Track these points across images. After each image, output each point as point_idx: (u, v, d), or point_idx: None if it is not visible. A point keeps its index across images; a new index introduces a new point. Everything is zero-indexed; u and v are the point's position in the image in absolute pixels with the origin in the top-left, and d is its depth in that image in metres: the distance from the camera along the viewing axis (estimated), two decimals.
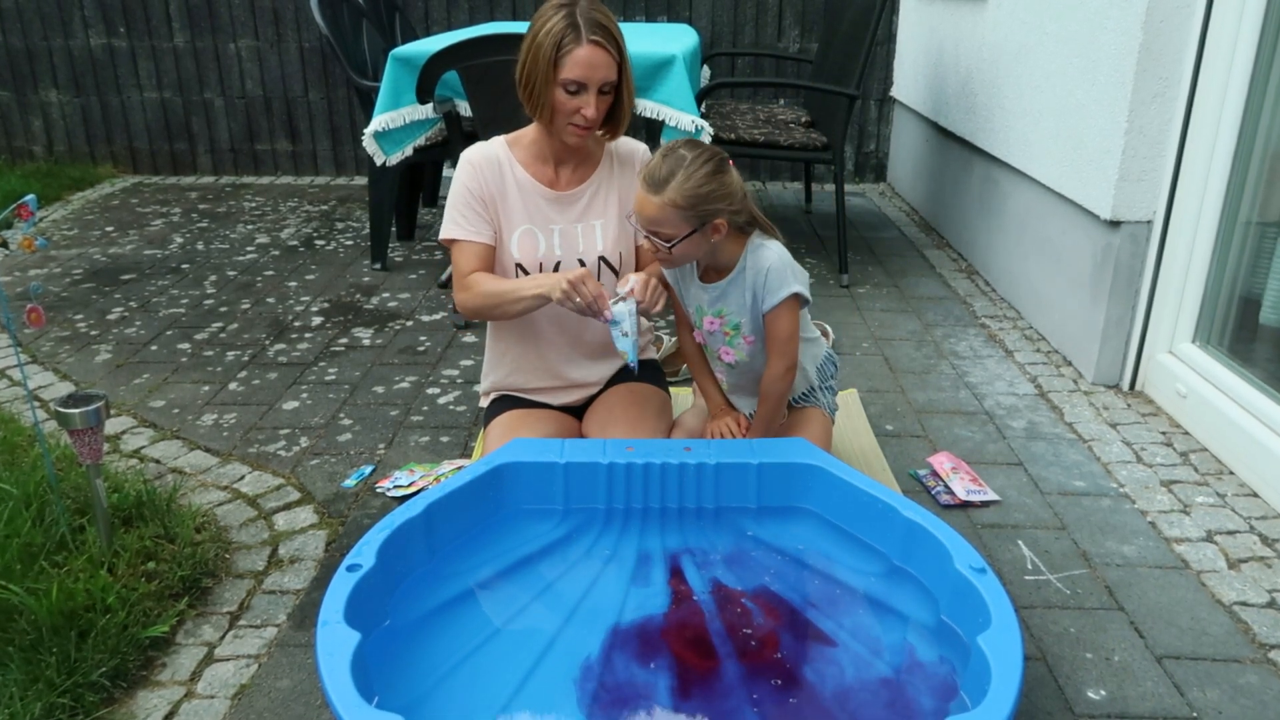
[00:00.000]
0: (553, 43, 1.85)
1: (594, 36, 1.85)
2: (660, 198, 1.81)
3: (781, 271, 1.95)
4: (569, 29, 1.85)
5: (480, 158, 2.03)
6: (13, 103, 5.39)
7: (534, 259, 2.04)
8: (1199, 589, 1.93)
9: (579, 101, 1.90)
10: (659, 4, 5.11)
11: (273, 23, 5.20)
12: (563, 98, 1.89)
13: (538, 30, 1.89)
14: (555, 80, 1.88)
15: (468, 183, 2.02)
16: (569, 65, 1.86)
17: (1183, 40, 2.52)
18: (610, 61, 1.89)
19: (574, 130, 1.94)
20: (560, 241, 2.06)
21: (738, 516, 1.81)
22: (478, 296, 1.96)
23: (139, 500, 2.04)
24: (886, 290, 3.64)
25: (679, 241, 1.85)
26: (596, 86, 1.89)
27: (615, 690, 1.40)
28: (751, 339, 2.03)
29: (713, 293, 2.02)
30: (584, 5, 1.88)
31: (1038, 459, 2.43)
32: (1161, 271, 2.67)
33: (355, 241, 4.29)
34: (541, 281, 1.90)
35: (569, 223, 2.07)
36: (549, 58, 1.86)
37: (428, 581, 1.61)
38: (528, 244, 2.05)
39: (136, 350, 3.10)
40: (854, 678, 1.44)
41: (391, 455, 2.44)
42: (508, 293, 1.95)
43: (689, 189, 1.80)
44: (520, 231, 2.04)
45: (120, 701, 1.63)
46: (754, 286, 1.97)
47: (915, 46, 4.78)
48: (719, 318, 2.03)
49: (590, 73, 1.87)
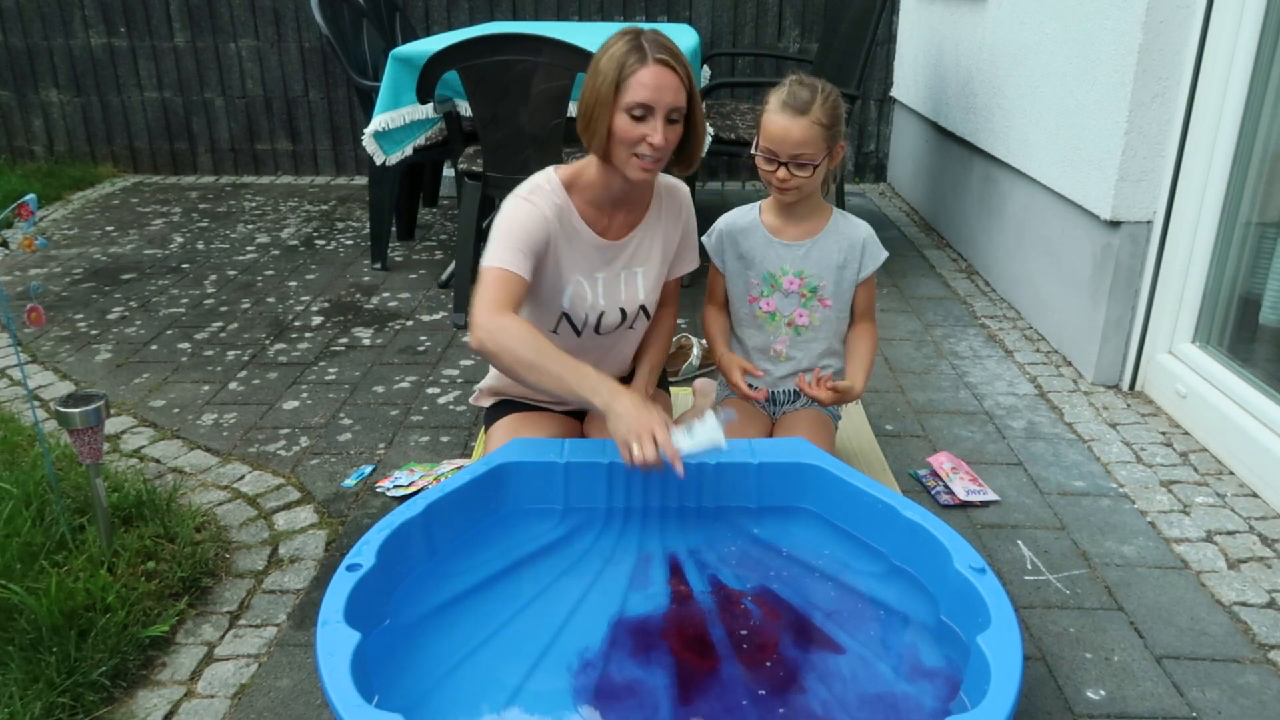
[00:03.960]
0: (616, 65, 1.71)
1: (660, 56, 1.71)
2: (808, 118, 1.88)
3: (876, 239, 2.08)
4: (633, 50, 1.72)
5: (550, 209, 1.83)
6: (13, 102, 5.40)
7: (582, 311, 1.93)
8: (1199, 589, 1.93)
9: (645, 129, 1.72)
10: (659, 4, 5.11)
11: (273, 23, 5.20)
12: (626, 125, 1.72)
13: (599, 59, 1.75)
14: (617, 105, 1.72)
15: (531, 227, 1.80)
16: (633, 87, 1.70)
17: (1182, 40, 2.52)
18: (679, 84, 1.73)
19: (639, 164, 1.76)
20: (604, 290, 1.94)
21: (738, 516, 1.81)
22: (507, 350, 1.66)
23: (139, 500, 2.04)
24: (886, 290, 3.64)
25: (820, 163, 1.92)
26: (664, 112, 1.72)
27: (615, 690, 1.40)
28: (829, 303, 2.07)
29: (797, 251, 2.05)
30: (649, 33, 1.75)
31: (1037, 459, 2.43)
32: (1161, 272, 2.67)
33: (355, 241, 4.29)
34: (592, 386, 1.63)
35: (612, 273, 1.94)
36: (612, 81, 1.71)
37: (428, 581, 1.61)
38: (579, 295, 1.91)
39: (136, 350, 3.11)
40: (853, 678, 1.44)
41: (391, 455, 2.44)
42: (545, 370, 1.65)
43: (829, 107, 1.90)
44: (574, 284, 1.90)
45: (120, 701, 1.63)
46: (847, 250, 2.04)
47: (915, 46, 4.78)
48: (799, 278, 2.05)
49: (657, 95, 1.71)
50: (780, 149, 1.91)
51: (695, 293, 3.48)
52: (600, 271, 1.93)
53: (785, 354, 2.11)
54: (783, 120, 1.89)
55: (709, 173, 5.50)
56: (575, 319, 1.94)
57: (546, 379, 1.65)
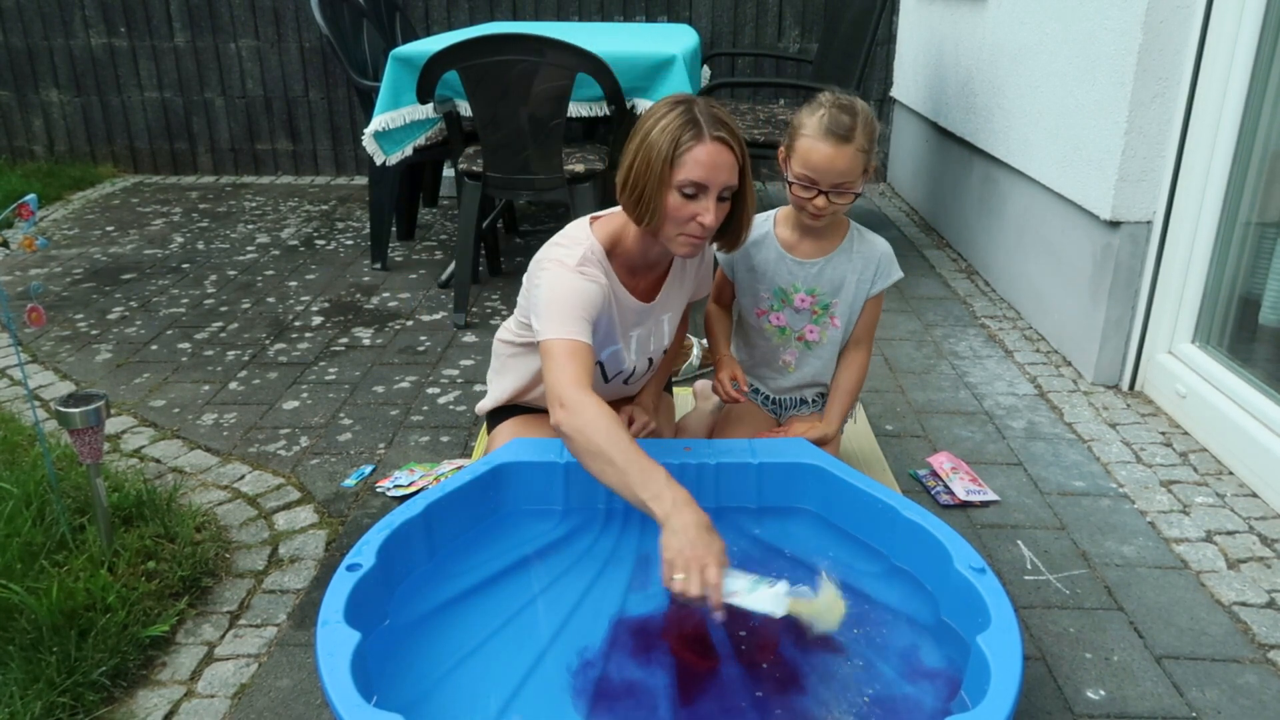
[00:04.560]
0: (670, 140, 1.63)
1: (718, 133, 1.64)
2: (852, 145, 1.79)
3: (893, 257, 2.03)
4: (689, 125, 1.63)
5: (604, 277, 1.77)
6: (13, 102, 5.40)
7: (617, 367, 1.93)
8: (1198, 589, 1.93)
9: (696, 207, 1.65)
10: (659, 4, 5.11)
11: (273, 23, 5.20)
12: (676, 202, 1.65)
13: (650, 128, 1.66)
14: (670, 182, 1.64)
15: (591, 299, 1.72)
16: (689, 164, 1.63)
17: (1182, 40, 2.52)
18: (734, 163, 1.67)
19: (686, 240, 1.69)
20: (636, 347, 1.93)
21: (738, 516, 1.81)
22: (582, 433, 1.55)
23: (139, 500, 2.04)
24: (887, 290, 3.64)
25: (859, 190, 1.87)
26: (718, 190, 1.66)
27: (614, 690, 1.40)
28: (838, 322, 2.03)
29: (810, 269, 2.00)
30: (702, 103, 1.68)
31: (1037, 459, 2.43)
32: (1161, 272, 2.67)
33: (355, 241, 4.29)
34: (656, 492, 1.48)
35: (645, 330, 1.92)
36: (665, 156, 1.63)
37: (428, 581, 1.61)
38: (616, 358, 1.91)
39: (137, 350, 3.11)
40: (853, 678, 1.44)
41: (391, 455, 2.44)
42: (612, 463, 1.52)
43: (869, 129, 1.82)
44: (611, 350, 1.88)
45: (120, 701, 1.63)
46: (862, 269, 2.00)
47: (915, 46, 4.78)
48: (811, 295, 2.01)
49: (713, 174, 1.64)
50: (823, 178, 1.81)
51: None
52: (634, 331, 1.90)
53: (794, 365, 2.10)
54: (826, 149, 1.79)
55: None
56: (608, 370, 1.93)
57: (611, 472, 1.52)
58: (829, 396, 2.10)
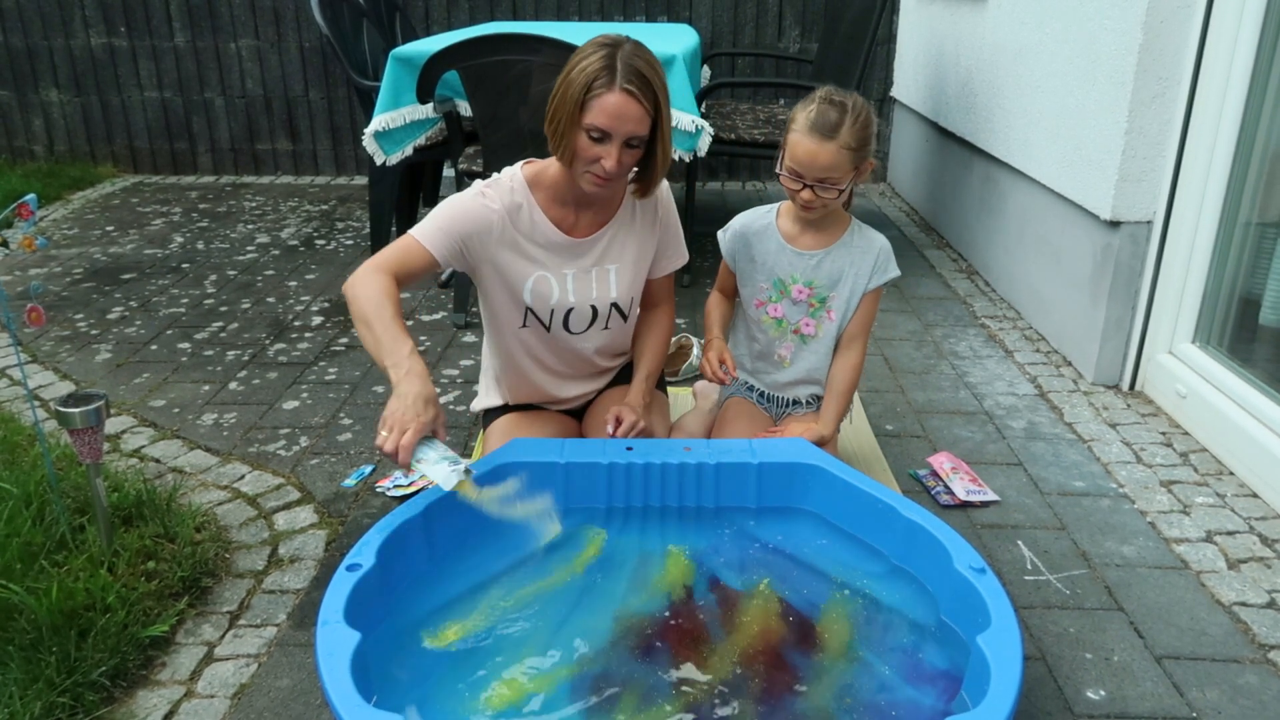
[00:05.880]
0: (584, 82, 1.70)
1: (628, 85, 1.69)
2: (836, 142, 1.83)
3: (891, 253, 2.04)
4: (604, 71, 1.69)
5: (501, 204, 1.85)
6: (13, 102, 5.40)
7: (546, 305, 1.94)
8: (1198, 589, 1.93)
9: (600, 150, 1.73)
10: (659, 4, 5.11)
11: (273, 22, 5.20)
12: (585, 143, 1.73)
13: (573, 66, 1.73)
14: (580, 123, 1.72)
15: (469, 217, 1.84)
16: (595, 110, 1.70)
17: (1183, 40, 2.52)
18: (642, 114, 1.72)
19: (592, 179, 1.78)
20: (574, 287, 1.94)
21: (738, 516, 1.81)
22: (356, 300, 1.71)
23: (139, 500, 2.04)
24: (886, 290, 3.61)
25: (848, 187, 1.89)
26: (622, 138, 1.72)
27: (614, 689, 1.40)
28: (834, 316, 2.05)
29: (809, 260, 2.03)
30: (628, 49, 1.72)
31: (1037, 459, 2.43)
32: (1161, 272, 2.67)
33: (355, 241, 4.29)
34: (395, 360, 1.63)
35: (583, 269, 1.94)
36: (576, 98, 1.70)
37: (428, 581, 1.61)
38: (541, 289, 1.92)
39: (136, 350, 3.11)
40: (853, 678, 1.44)
41: None
42: (371, 329, 1.67)
43: (859, 128, 1.84)
44: (535, 278, 1.91)
45: (120, 701, 1.63)
46: (860, 263, 2.02)
47: (915, 47, 4.78)
48: (809, 287, 2.03)
49: (616, 123, 1.70)
50: (807, 172, 1.87)
51: (695, 293, 3.48)
52: (569, 268, 1.93)
53: (789, 360, 2.11)
54: (810, 144, 1.84)
55: (709, 172, 5.51)
56: (540, 313, 1.95)
57: (369, 338, 1.67)
58: (824, 398, 2.10)
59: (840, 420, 2.10)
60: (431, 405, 1.61)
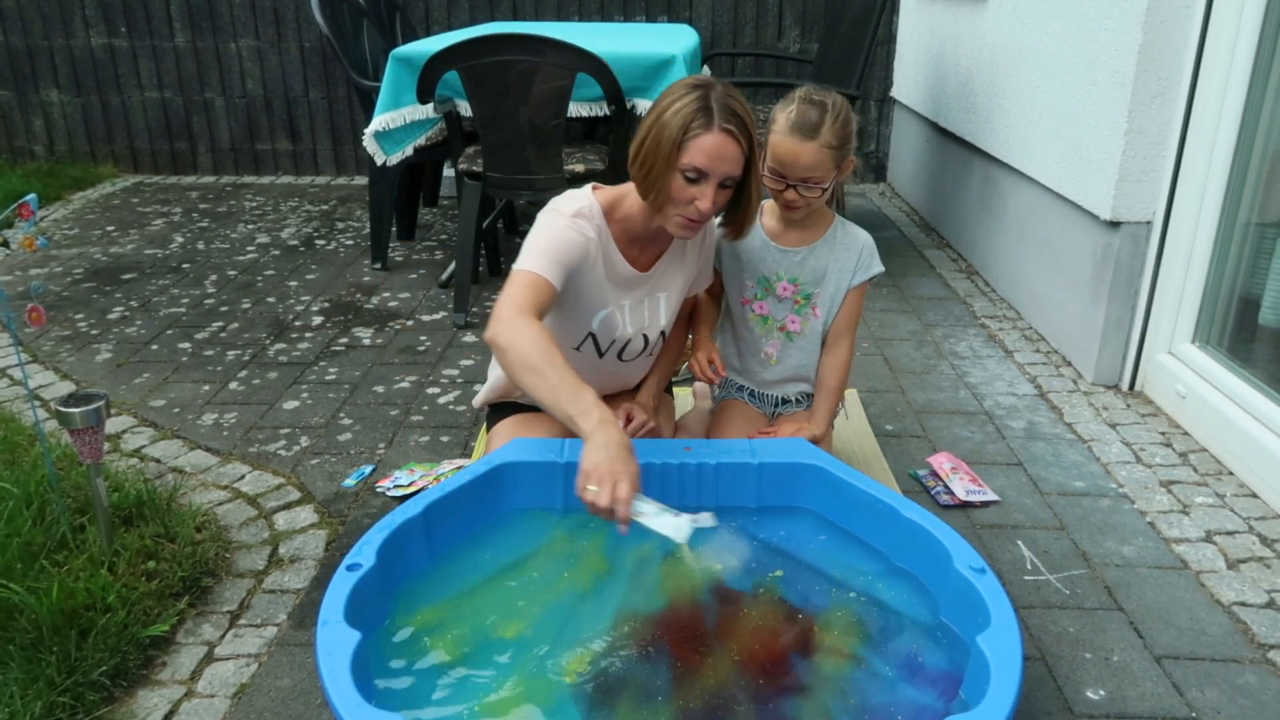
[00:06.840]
0: (680, 123, 1.68)
1: (727, 125, 1.69)
2: (817, 142, 1.83)
3: (875, 249, 2.04)
4: (700, 112, 1.69)
5: (593, 232, 1.82)
6: (14, 102, 5.40)
7: (610, 336, 1.94)
8: (1198, 589, 1.93)
9: (696, 191, 1.72)
10: (659, 4, 5.11)
11: (273, 23, 5.20)
12: (679, 184, 1.72)
13: (665, 108, 1.72)
14: (676, 164, 1.70)
15: (571, 245, 1.78)
16: (693, 150, 1.69)
17: (1183, 40, 2.52)
18: (739, 155, 1.73)
19: (683, 220, 1.76)
20: (630, 318, 1.95)
21: (738, 516, 1.81)
22: (516, 347, 1.62)
23: (139, 499, 2.04)
24: (886, 290, 3.64)
25: (830, 185, 1.90)
26: (719, 179, 1.72)
27: (614, 689, 1.40)
28: (819, 312, 2.06)
29: (793, 257, 2.04)
30: (720, 90, 1.72)
31: (1037, 459, 2.43)
32: (1161, 272, 2.67)
33: (355, 241, 4.29)
34: (584, 409, 1.56)
35: (637, 299, 1.95)
36: (674, 139, 1.69)
37: (428, 581, 1.61)
38: (611, 321, 1.92)
39: (137, 350, 3.11)
40: (853, 678, 1.44)
41: (391, 455, 2.44)
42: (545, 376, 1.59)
43: (839, 127, 1.85)
44: (609, 310, 1.90)
45: (120, 700, 1.63)
46: (844, 259, 2.02)
47: (915, 46, 4.78)
48: (794, 284, 2.04)
49: (715, 163, 1.70)
50: (789, 172, 1.88)
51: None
52: (627, 299, 1.93)
53: (776, 358, 2.12)
54: (791, 144, 1.85)
55: None
56: (601, 341, 1.94)
57: (542, 385, 1.59)
58: (814, 397, 2.11)
59: (832, 418, 2.10)
60: (633, 456, 1.54)
